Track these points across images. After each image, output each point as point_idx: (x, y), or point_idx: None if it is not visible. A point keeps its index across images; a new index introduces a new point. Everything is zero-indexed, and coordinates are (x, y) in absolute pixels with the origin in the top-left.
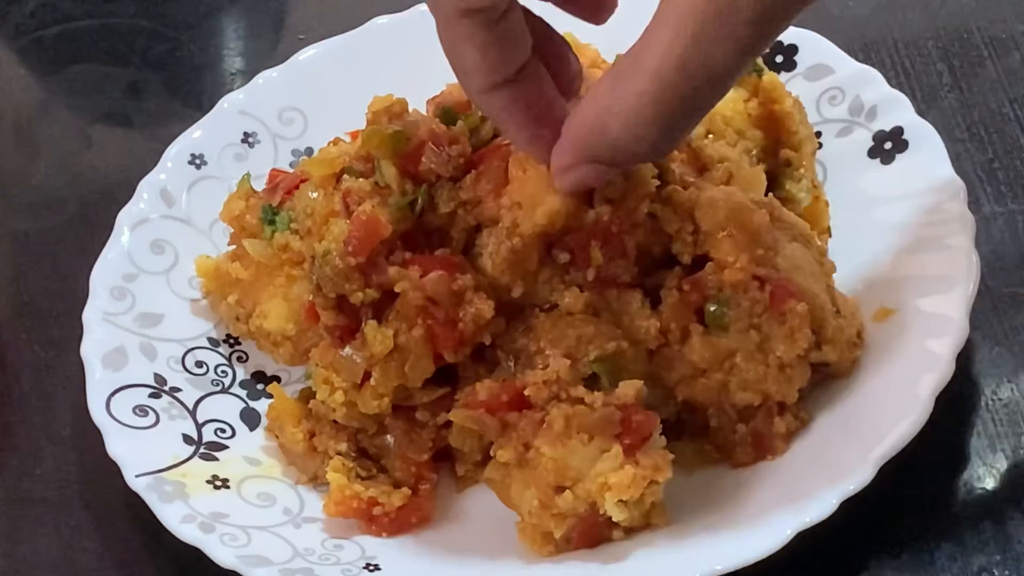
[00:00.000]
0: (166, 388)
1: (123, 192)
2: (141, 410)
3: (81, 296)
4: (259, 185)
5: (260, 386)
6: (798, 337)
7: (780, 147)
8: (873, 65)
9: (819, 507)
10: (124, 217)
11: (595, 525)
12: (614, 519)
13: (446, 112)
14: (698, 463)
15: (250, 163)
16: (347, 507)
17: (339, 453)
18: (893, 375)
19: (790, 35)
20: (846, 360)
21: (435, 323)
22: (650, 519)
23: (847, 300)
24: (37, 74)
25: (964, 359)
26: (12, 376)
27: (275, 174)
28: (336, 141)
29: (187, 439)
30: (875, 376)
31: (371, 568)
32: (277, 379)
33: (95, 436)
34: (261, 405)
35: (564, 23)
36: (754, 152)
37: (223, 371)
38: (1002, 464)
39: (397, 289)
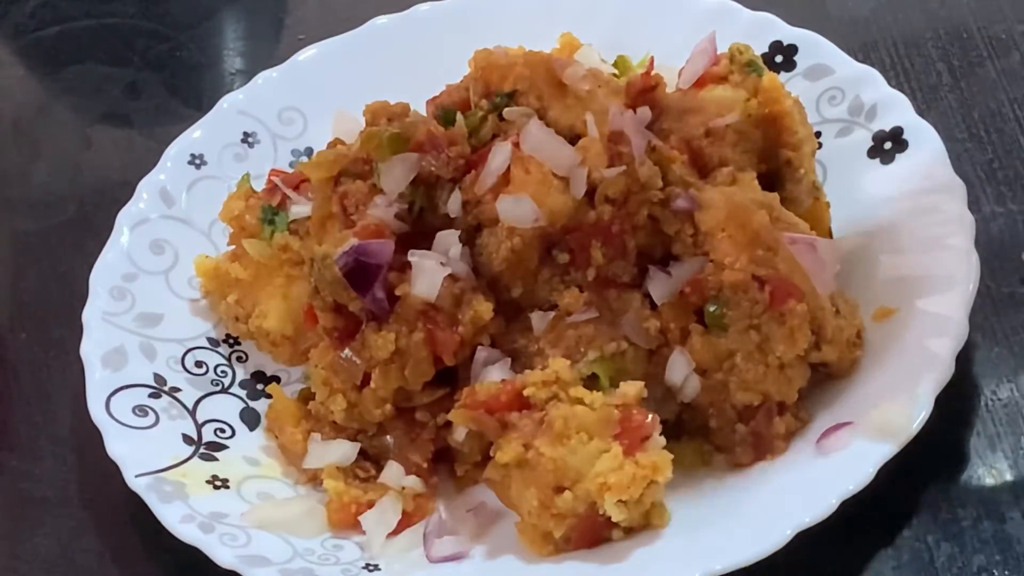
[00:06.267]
0: (166, 388)
1: (123, 192)
2: (141, 410)
3: (81, 296)
4: (259, 185)
5: (260, 386)
6: (798, 337)
7: (780, 147)
8: (873, 65)
9: (819, 507)
10: (124, 217)
11: (595, 525)
12: (614, 519)
13: (446, 113)
14: (698, 463)
15: (250, 163)
16: (347, 516)
17: None
18: (893, 375)
19: (790, 35)
20: (846, 360)
21: (435, 327)
22: (650, 519)
23: (847, 300)
24: (37, 74)
25: (964, 359)
26: (12, 376)
27: (275, 174)
28: (336, 142)
29: (187, 439)
30: (875, 376)
31: (371, 568)
32: (277, 379)
33: (95, 436)
34: (261, 405)
35: (564, 23)
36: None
37: (223, 371)
38: (1002, 464)
39: (397, 293)
